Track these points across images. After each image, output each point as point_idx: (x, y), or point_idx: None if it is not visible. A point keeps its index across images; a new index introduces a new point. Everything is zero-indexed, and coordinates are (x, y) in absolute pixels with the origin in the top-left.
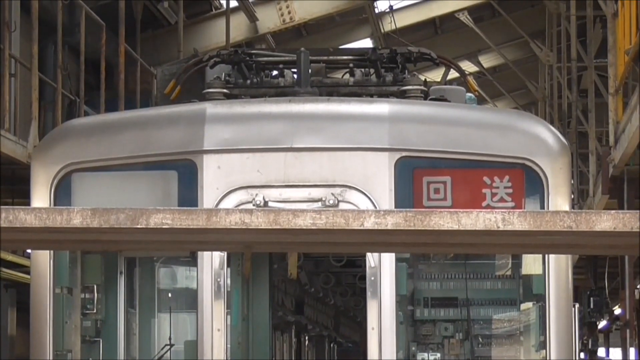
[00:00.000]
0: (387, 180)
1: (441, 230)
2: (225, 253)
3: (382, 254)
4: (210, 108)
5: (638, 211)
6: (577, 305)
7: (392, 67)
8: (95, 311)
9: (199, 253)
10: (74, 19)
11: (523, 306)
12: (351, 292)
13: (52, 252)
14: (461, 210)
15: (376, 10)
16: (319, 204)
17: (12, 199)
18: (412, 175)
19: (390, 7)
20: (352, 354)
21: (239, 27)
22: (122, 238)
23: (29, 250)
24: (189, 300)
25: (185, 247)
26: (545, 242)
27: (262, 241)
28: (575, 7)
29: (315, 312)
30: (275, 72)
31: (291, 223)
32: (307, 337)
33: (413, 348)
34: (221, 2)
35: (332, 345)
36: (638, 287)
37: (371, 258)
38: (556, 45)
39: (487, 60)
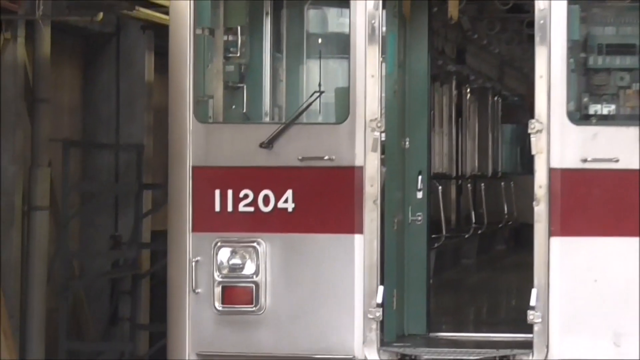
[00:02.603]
0: None
1: None
2: None
3: None
4: None
5: None
6: None
7: None
8: (239, 55)
9: None
10: None
11: None
12: (518, 40)
13: None
14: None
15: None
16: None
17: None
18: None
19: None
20: (517, 108)
21: None
22: None
23: None
24: (341, 45)
25: None
26: None
27: None
28: None
29: (478, 62)
30: None
31: None
32: (468, 89)
33: (585, 99)
34: None
35: (495, 98)
36: None
37: (540, 0)
38: None
39: None
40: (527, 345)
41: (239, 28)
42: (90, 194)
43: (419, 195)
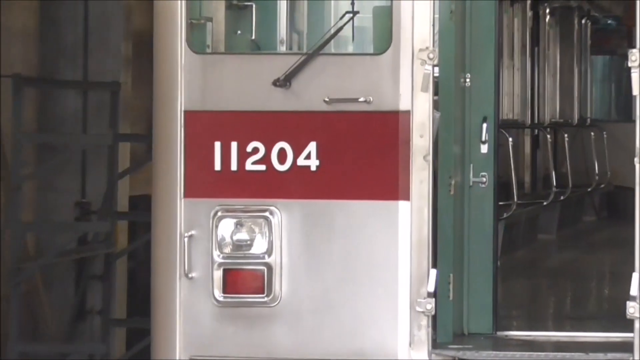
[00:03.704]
0: None
1: None
2: None
3: None
4: None
5: None
6: None
7: None
8: None
9: None
10: None
11: None
12: None
13: None
14: None
15: None
16: None
17: None
18: None
19: None
20: (612, 34)
21: None
22: None
23: None
24: None
25: None
26: None
27: None
28: None
29: None
30: None
31: None
32: (548, 10)
33: None
34: None
35: (583, 21)
36: None
37: None
38: None
39: None
40: (626, 348)
41: None
42: (49, 147)
43: (484, 149)
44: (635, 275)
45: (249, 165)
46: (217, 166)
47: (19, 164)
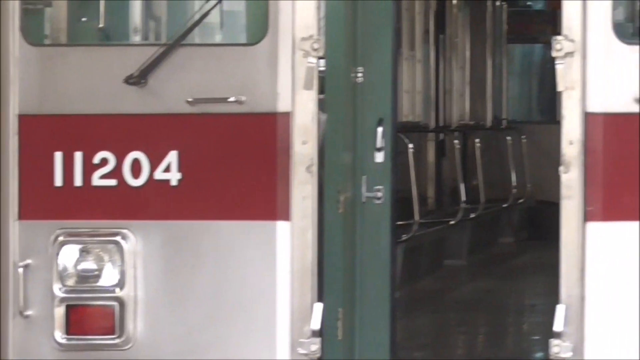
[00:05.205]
0: None
1: None
2: None
3: None
4: None
5: None
6: None
7: None
8: None
9: None
10: None
11: None
12: None
13: None
14: None
15: None
16: None
17: None
18: None
19: None
20: (533, 18)
21: None
22: None
23: None
24: None
25: None
26: None
27: None
28: None
29: None
30: None
31: None
32: None
33: None
34: None
35: (498, 2)
36: None
37: None
38: None
39: None
40: None
41: None
42: None
43: (379, 158)
44: (559, 308)
45: (96, 180)
46: (58, 181)
47: None
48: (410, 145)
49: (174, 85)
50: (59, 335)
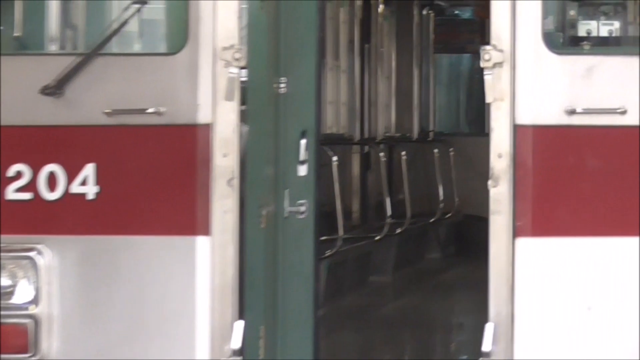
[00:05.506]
0: None
1: None
2: None
3: None
4: None
5: None
6: None
7: None
8: None
9: None
10: None
11: None
12: None
13: None
14: None
15: None
16: None
17: None
18: None
19: None
20: (461, 27)
21: None
22: None
23: None
24: None
25: None
26: None
27: None
28: None
29: None
30: None
31: None
32: None
33: (572, 12)
34: None
35: (425, 11)
36: None
37: None
38: None
39: None
40: None
41: None
42: None
43: (302, 171)
44: (488, 326)
45: (10, 194)
46: None
47: None
48: (335, 158)
49: (92, 95)
50: None
